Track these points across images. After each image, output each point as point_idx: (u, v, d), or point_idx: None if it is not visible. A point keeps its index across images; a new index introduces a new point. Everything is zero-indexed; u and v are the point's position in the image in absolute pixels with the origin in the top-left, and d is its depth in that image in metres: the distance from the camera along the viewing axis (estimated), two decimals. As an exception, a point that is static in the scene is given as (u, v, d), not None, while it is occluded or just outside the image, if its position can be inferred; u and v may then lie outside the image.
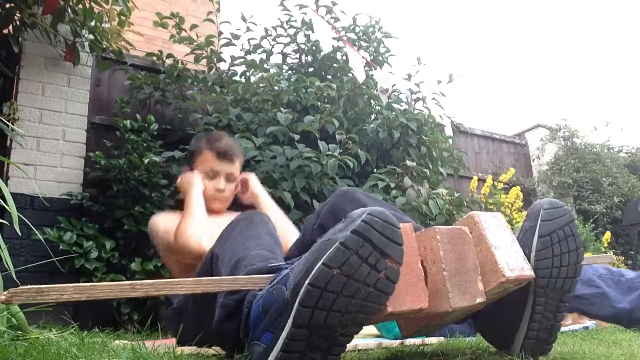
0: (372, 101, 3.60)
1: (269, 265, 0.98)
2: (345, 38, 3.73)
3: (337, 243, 0.76)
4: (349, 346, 1.30)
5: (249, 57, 3.62)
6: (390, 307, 0.83)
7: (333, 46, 3.69)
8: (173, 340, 1.21)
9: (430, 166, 3.49)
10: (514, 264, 0.96)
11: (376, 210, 0.78)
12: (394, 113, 3.47)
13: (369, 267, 0.76)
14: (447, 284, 0.90)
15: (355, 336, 0.84)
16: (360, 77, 3.21)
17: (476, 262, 0.96)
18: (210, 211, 1.75)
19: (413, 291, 0.87)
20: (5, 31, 3.02)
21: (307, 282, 0.76)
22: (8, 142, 3.01)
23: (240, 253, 1.10)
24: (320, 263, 0.76)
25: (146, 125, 3.16)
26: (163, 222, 1.75)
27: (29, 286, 0.71)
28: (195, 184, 1.75)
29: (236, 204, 1.95)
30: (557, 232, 1.01)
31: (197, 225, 1.60)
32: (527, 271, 0.97)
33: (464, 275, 0.93)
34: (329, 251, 0.76)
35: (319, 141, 2.91)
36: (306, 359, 0.79)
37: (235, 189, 1.91)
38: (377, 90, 3.50)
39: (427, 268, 0.94)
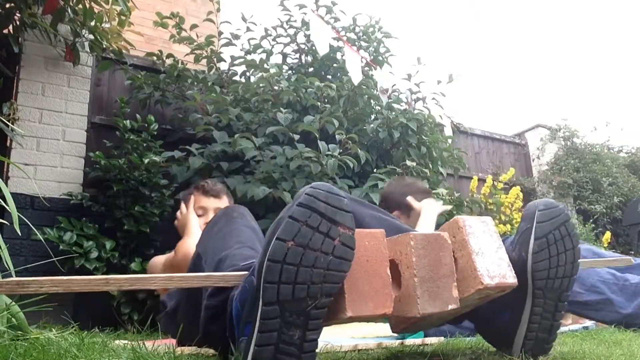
0: (372, 101, 3.60)
1: (243, 264, 0.99)
2: (344, 38, 3.73)
3: (287, 217, 0.81)
4: (349, 346, 1.30)
5: (249, 57, 3.62)
6: (350, 311, 0.84)
7: (332, 46, 3.69)
8: (173, 341, 1.21)
9: (430, 166, 3.49)
10: (496, 270, 0.95)
11: (318, 184, 0.84)
12: (394, 113, 3.47)
13: (322, 235, 0.80)
14: (417, 290, 0.91)
15: (355, 336, 0.84)
16: (356, 80, 3.21)
17: (452, 269, 0.95)
18: None
19: (377, 297, 0.88)
20: (5, 31, 3.02)
21: (266, 258, 0.80)
22: (8, 142, 3.01)
23: (221, 252, 1.11)
24: (274, 238, 0.80)
25: (146, 125, 3.16)
26: (160, 258, 1.93)
27: (9, 279, 0.76)
28: (191, 217, 1.90)
29: None
30: (554, 233, 1.01)
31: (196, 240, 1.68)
32: (510, 279, 0.96)
33: (437, 282, 0.93)
34: (281, 226, 0.81)
35: (319, 141, 2.91)
36: (284, 337, 0.80)
37: None
38: (377, 90, 3.50)
39: (402, 272, 0.94)
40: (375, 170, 3.24)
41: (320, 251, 0.80)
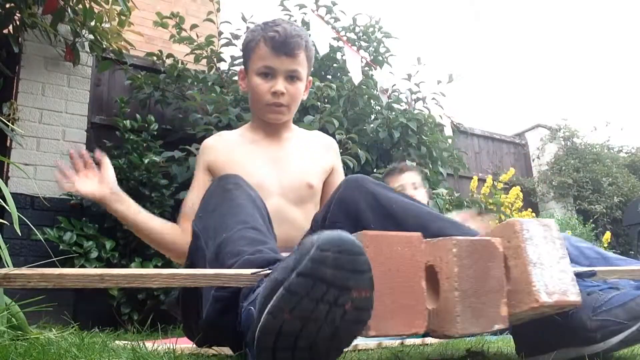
0: (372, 101, 3.60)
1: (252, 273, 0.92)
2: (344, 38, 3.73)
3: (281, 289, 0.66)
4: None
5: (249, 57, 3.62)
6: (374, 330, 0.74)
7: (332, 46, 3.69)
8: (173, 340, 1.21)
9: (430, 166, 3.49)
10: (556, 286, 0.80)
11: (328, 238, 0.65)
12: (394, 113, 3.47)
13: (328, 305, 0.65)
14: (457, 307, 0.77)
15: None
16: (357, 79, 3.21)
17: (502, 282, 0.81)
18: (265, 125, 1.50)
19: (407, 314, 0.76)
20: (5, 31, 3.02)
21: (257, 329, 0.69)
22: (8, 142, 3.01)
23: (222, 234, 1.02)
24: (265, 312, 0.67)
25: (146, 125, 3.16)
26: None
27: None
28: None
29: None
30: None
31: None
32: (572, 296, 0.80)
33: (483, 297, 0.79)
34: (274, 298, 0.66)
35: (319, 141, 2.91)
36: None
37: (303, 93, 1.50)
38: (377, 90, 3.50)
39: (440, 282, 0.81)
40: (375, 170, 3.24)
41: (325, 321, 0.66)
